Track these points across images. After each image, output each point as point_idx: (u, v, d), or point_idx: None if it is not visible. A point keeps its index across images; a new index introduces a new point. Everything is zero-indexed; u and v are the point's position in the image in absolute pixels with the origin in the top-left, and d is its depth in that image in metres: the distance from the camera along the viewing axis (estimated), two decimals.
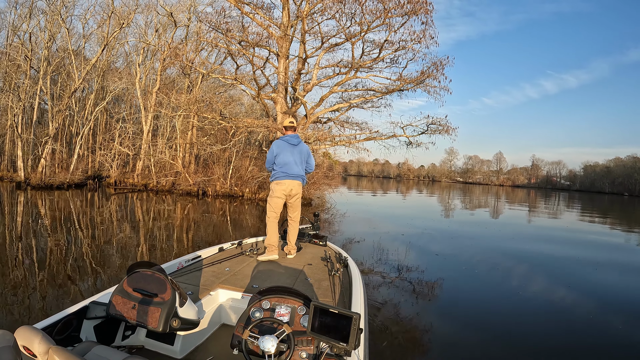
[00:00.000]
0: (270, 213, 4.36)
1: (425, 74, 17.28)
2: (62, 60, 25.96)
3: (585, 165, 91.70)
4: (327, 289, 3.19)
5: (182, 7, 24.49)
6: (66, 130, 28.26)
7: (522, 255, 9.19)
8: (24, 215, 10.98)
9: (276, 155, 4.34)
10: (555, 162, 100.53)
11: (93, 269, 5.90)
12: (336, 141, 19.07)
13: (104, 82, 27.63)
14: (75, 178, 21.85)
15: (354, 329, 1.91)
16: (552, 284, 6.57)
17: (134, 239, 8.41)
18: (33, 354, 1.48)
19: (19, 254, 6.54)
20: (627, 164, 79.88)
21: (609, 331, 4.56)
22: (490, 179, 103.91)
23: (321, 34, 17.22)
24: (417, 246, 9.26)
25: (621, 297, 6.12)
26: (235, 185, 19.96)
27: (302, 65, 18.25)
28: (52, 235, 8.14)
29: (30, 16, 24.22)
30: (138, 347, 2.62)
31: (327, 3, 15.82)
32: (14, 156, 24.80)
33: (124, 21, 23.36)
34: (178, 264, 3.53)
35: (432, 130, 18.58)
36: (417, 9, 15.67)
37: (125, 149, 25.09)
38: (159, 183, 21.69)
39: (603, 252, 10.19)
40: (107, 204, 15.02)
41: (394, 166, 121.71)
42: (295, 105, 18.75)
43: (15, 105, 22.95)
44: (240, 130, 19.01)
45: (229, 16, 17.55)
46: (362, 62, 17.39)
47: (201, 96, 21.56)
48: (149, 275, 2.36)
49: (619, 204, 40.78)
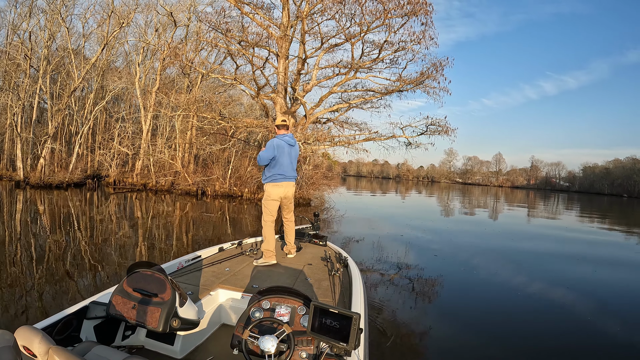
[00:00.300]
0: (268, 217, 4.24)
1: (425, 75, 17.31)
2: (61, 59, 25.95)
3: (585, 167, 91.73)
4: (327, 289, 3.20)
5: (182, 7, 24.52)
6: (65, 130, 28.27)
7: (520, 255, 9.20)
8: (23, 214, 10.98)
9: (275, 157, 4.18)
10: (554, 163, 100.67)
11: (93, 268, 5.91)
12: (335, 142, 19.08)
13: (104, 81, 27.62)
14: (74, 177, 21.83)
15: (354, 329, 1.92)
16: (550, 284, 6.58)
17: (133, 238, 8.42)
18: (33, 354, 1.48)
19: (19, 254, 6.54)
20: (627, 165, 79.94)
21: (607, 332, 4.57)
22: (489, 180, 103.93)
23: (321, 34, 17.23)
24: (416, 246, 9.27)
25: (620, 298, 6.13)
26: (234, 185, 19.96)
27: (301, 66, 18.26)
28: (51, 235, 8.15)
29: (30, 15, 24.20)
30: (138, 347, 2.62)
31: (327, 4, 15.83)
32: (13, 155, 24.77)
33: (124, 21, 23.36)
34: (178, 264, 3.53)
35: (432, 131, 18.60)
36: (417, 10, 15.69)
37: (125, 148, 25.08)
38: (158, 183, 21.68)
39: (602, 253, 10.20)
40: (106, 203, 15.02)
41: (393, 167, 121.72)
42: (294, 106, 18.75)
43: (14, 104, 22.93)
44: (239, 131, 19.02)
45: (229, 16, 17.55)
46: (362, 63, 17.40)
47: (201, 96, 21.57)
48: (149, 275, 2.36)
49: (618, 205, 40.83)
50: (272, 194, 4.24)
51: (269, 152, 4.15)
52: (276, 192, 4.24)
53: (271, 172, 4.23)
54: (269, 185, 4.27)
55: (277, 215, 4.36)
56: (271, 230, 4.17)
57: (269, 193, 4.27)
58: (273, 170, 4.21)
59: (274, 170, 4.21)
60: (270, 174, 4.23)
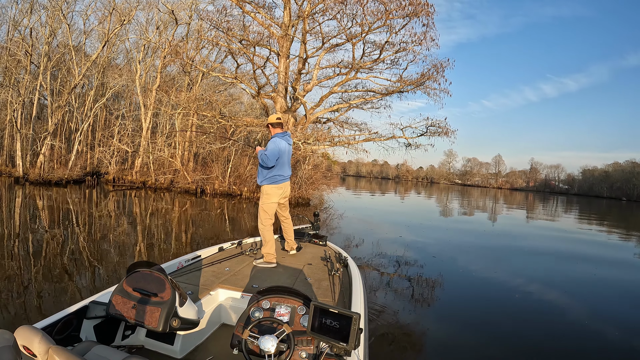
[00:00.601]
0: (267, 220, 4.11)
1: (426, 76, 17.33)
2: (62, 56, 25.94)
3: (584, 170, 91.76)
4: (327, 289, 3.20)
5: (183, 5, 24.48)
6: (65, 126, 28.23)
7: (519, 257, 9.23)
8: (22, 211, 10.97)
9: (278, 157, 4.01)
10: (554, 165, 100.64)
11: (92, 268, 5.92)
12: (335, 142, 19.10)
13: (104, 78, 27.60)
14: (73, 174, 21.84)
15: (354, 329, 1.92)
16: (549, 285, 6.60)
17: (133, 237, 8.42)
18: (33, 353, 1.48)
19: (18, 252, 6.55)
20: (626, 168, 79.96)
21: (604, 332, 4.59)
22: (488, 182, 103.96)
23: (322, 34, 17.24)
24: (415, 247, 9.27)
25: (619, 301, 6.13)
26: (233, 184, 19.96)
27: (302, 65, 18.26)
28: (50, 233, 8.15)
29: (31, 11, 24.16)
30: (138, 346, 2.62)
31: (328, 3, 15.84)
32: (12, 151, 24.76)
33: (125, 18, 23.34)
34: (178, 263, 3.53)
35: (432, 132, 18.63)
36: (419, 11, 15.71)
37: (124, 146, 25.07)
38: (158, 181, 21.67)
39: (601, 254, 10.21)
40: (105, 201, 15.02)
41: (393, 167, 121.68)
42: (294, 105, 18.77)
43: (14, 101, 22.91)
44: (239, 129, 19.02)
45: (230, 15, 17.57)
46: (363, 63, 17.42)
47: (201, 94, 21.57)
48: (149, 275, 2.35)
49: (617, 209, 40.91)
50: (273, 195, 4.10)
51: (275, 150, 3.96)
52: (277, 193, 4.12)
53: (272, 173, 4.06)
54: (269, 187, 4.10)
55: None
56: (271, 233, 4.06)
57: (269, 195, 4.11)
58: (274, 171, 4.06)
59: (275, 171, 4.06)
60: (272, 174, 4.06)
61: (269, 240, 3.98)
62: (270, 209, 4.12)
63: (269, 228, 4.08)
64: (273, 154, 3.94)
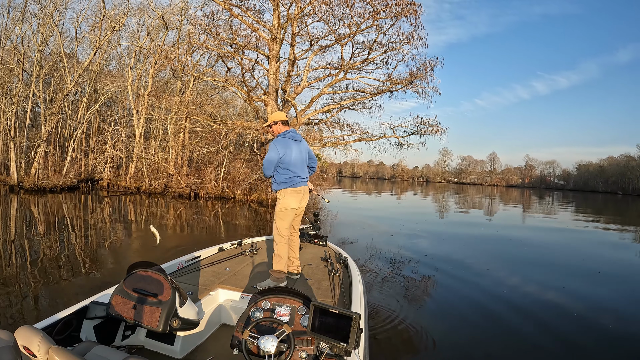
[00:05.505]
0: (285, 231, 3.46)
1: (414, 75, 17.52)
2: (54, 63, 25.98)
3: (579, 165, 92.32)
4: (327, 289, 3.22)
5: (173, 11, 24.63)
6: (59, 134, 28.25)
7: (516, 253, 9.26)
8: (18, 218, 11.04)
9: (283, 156, 3.40)
10: (549, 161, 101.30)
11: (90, 269, 5.97)
12: (324, 142, 19.23)
13: (97, 85, 27.61)
14: (68, 181, 21.85)
15: (354, 329, 1.92)
16: (546, 281, 6.53)
17: (128, 240, 8.49)
18: (33, 354, 1.48)
19: (17, 257, 6.59)
20: (621, 163, 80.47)
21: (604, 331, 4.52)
22: (484, 179, 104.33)
23: (309, 36, 17.41)
24: (414, 247, 9.18)
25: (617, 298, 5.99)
26: (227, 187, 20.04)
27: (291, 68, 18.42)
28: (48, 238, 8.18)
29: (22, 20, 24.20)
30: (138, 347, 2.64)
31: (315, 6, 16.00)
32: (6, 159, 24.74)
33: (116, 24, 23.43)
34: (178, 264, 3.54)
35: (422, 131, 18.83)
36: (406, 11, 15.90)
37: (118, 152, 25.11)
38: (152, 185, 21.72)
39: (600, 251, 10.19)
40: (100, 206, 15.08)
41: (388, 167, 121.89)
42: (285, 107, 18.90)
43: (8, 109, 22.94)
44: (231, 133, 19.14)
45: (220, 19, 17.70)
46: (352, 64, 17.58)
47: (193, 99, 21.68)
48: (149, 276, 2.37)
49: (613, 203, 41.12)
50: (290, 201, 3.46)
51: (272, 153, 3.40)
52: (295, 199, 3.48)
53: (287, 175, 3.45)
54: (286, 192, 3.46)
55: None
56: (285, 248, 3.45)
57: (287, 201, 3.45)
58: (287, 173, 3.45)
59: (287, 172, 3.45)
60: (287, 176, 3.45)
61: (283, 256, 3.42)
62: (287, 218, 3.47)
63: (284, 241, 3.45)
64: (267, 161, 3.42)
